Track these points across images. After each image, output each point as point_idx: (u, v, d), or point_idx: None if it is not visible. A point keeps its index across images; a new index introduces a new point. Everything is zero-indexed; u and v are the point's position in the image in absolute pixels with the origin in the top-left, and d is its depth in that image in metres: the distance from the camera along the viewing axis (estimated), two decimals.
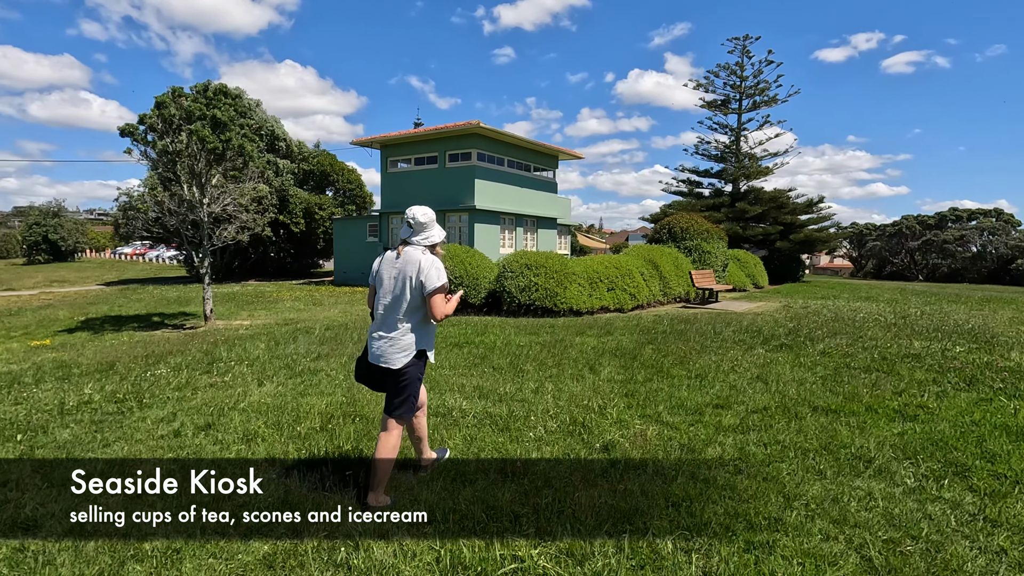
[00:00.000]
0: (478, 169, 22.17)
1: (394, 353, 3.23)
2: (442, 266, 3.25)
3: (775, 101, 30.13)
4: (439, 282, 3.17)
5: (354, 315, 14.74)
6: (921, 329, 9.73)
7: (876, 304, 15.51)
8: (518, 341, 8.75)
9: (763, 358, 7.24)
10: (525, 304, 13.20)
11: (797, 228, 28.51)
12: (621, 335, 9.34)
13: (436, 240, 3.33)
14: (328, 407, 5.30)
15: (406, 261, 3.23)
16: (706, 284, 15.70)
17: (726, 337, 8.98)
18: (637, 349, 7.96)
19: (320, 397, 5.73)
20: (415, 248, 3.27)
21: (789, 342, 8.39)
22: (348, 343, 9.15)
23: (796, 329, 9.56)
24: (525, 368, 6.70)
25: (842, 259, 78.02)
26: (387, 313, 3.27)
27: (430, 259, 3.23)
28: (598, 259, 15.17)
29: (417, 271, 3.19)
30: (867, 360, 6.98)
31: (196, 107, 12.39)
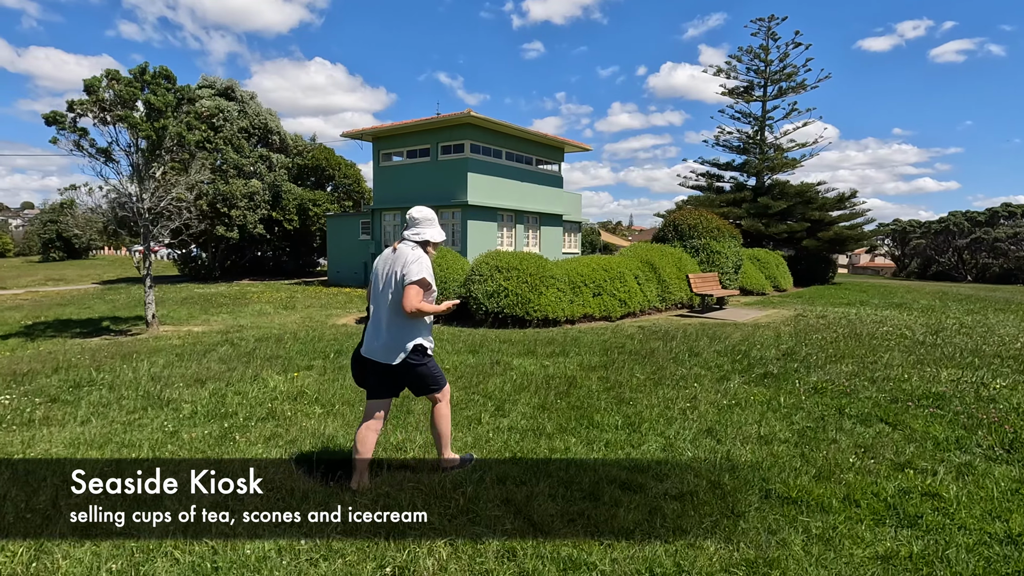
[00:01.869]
0: (471, 162, 20.66)
1: (386, 349, 3.30)
2: (427, 263, 3.29)
3: (804, 87, 27.76)
4: (417, 276, 3.21)
5: (316, 321, 13.45)
6: (954, 351, 7.86)
7: (907, 313, 13.49)
8: (443, 363, 7.22)
9: (733, 395, 5.57)
10: (494, 312, 11.66)
11: (826, 225, 26.13)
12: (577, 355, 7.73)
13: (428, 237, 3.38)
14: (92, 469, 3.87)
15: (397, 256, 3.32)
16: (708, 289, 13.89)
17: (704, 359, 7.30)
18: (581, 378, 6.36)
19: (118, 447, 4.32)
20: (406, 244, 3.35)
21: (777, 370, 6.66)
22: (261, 360, 7.78)
23: (793, 350, 7.80)
24: (413, 408, 5.18)
25: (884, 258, 74.03)
26: (380, 309, 3.36)
27: (417, 254, 3.28)
28: (585, 260, 13.53)
29: (403, 264, 3.25)
30: (869, 403, 5.25)
31: (128, 91, 11.20)
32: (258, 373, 6.85)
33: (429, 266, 3.28)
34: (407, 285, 3.20)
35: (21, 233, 50.58)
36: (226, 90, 25.01)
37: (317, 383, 6.33)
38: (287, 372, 7.06)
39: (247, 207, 23.46)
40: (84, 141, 11.66)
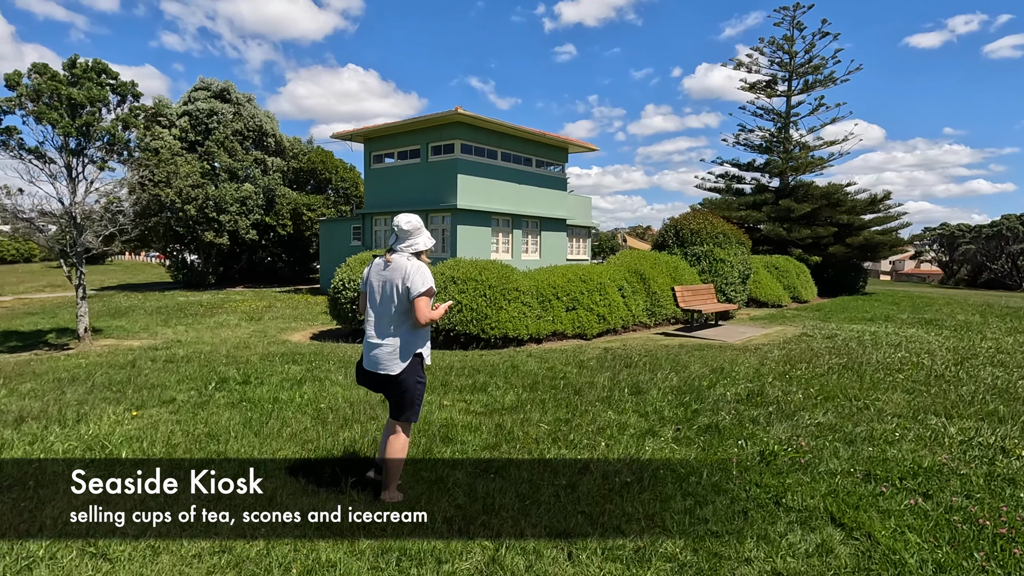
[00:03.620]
0: (461, 163, 19.39)
1: (389, 359, 3.34)
2: (428, 272, 3.32)
3: (832, 81, 25.60)
4: (423, 287, 3.25)
5: (266, 337, 12.37)
6: (977, 390, 6.18)
7: (936, 333, 11.62)
8: (317, 401, 5.91)
9: (640, 465, 4.10)
10: (445, 329, 10.33)
11: (856, 230, 23.89)
12: (497, 390, 6.34)
13: (421, 247, 3.40)
14: None
15: (393, 268, 3.33)
16: (700, 303, 12.26)
17: (644, 401, 5.82)
18: (469, 427, 4.98)
19: None
20: (401, 255, 3.36)
21: (729, 419, 5.15)
22: (136, 387, 6.65)
23: (763, 390, 6.23)
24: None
25: (930, 264, 69.86)
26: (378, 320, 3.39)
27: (416, 265, 3.32)
28: (561, 270, 12.09)
29: (403, 277, 3.28)
30: (826, 484, 3.72)
31: (48, 86, 10.31)
32: (88, 411, 5.67)
33: (430, 274, 3.32)
34: (417, 297, 3.24)
35: (43, 238, 51.55)
36: (222, 92, 24.38)
37: (157, 427, 5.10)
38: (144, 406, 5.88)
39: (238, 212, 22.71)
40: (13, 140, 10.86)
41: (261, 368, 7.82)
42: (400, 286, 3.26)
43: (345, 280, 11.89)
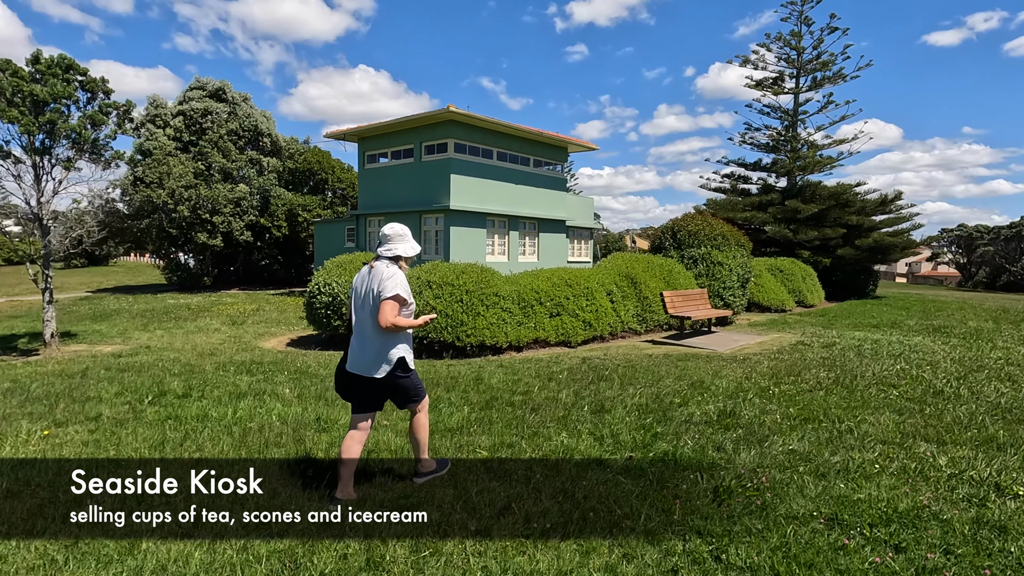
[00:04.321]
0: (454, 162, 18.92)
1: (370, 364, 3.39)
2: (402, 279, 3.38)
3: (842, 77, 24.80)
4: (391, 292, 3.30)
5: (240, 343, 11.99)
6: (977, 409, 5.58)
7: (943, 341, 10.96)
8: (212, 417, 5.44)
9: (570, 511, 3.58)
10: (419, 337, 9.85)
11: (865, 231, 23.06)
12: (448, 406, 5.84)
13: (400, 252, 3.45)
14: None
15: (373, 275, 3.40)
16: (690, 309, 11.68)
17: (603, 422, 5.31)
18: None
19: None
20: (381, 261, 3.44)
21: (691, 446, 4.61)
22: (67, 400, 6.25)
23: (735, 410, 5.68)
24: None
25: (948, 266, 68.22)
26: (360, 325, 3.45)
27: (391, 271, 3.38)
28: (546, 273, 11.56)
29: (379, 282, 3.34)
30: (779, 535, 3.17)
31: (9, 82, 9.97)
32: (6, 428, 5.24)
33: (404, 281, 3.37)
34: (382, 301, 3.30)
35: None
36: (217, 91, 24.12)
37: (61, 448, 4.66)
38: (67, 423, 5.46)
39: (232, 213, 22.41)
40: None
41: (211, 379, 7.40)
42: (375, 290, 3.35)
43: (321, 284, 11.45)
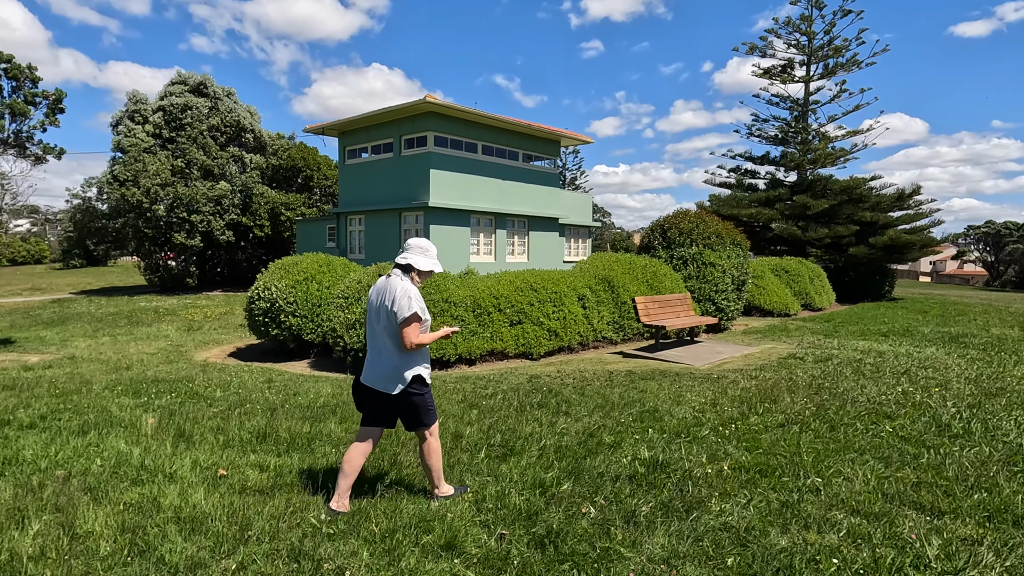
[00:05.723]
0: (434, 156, 17.80)
1: (385, 379, 3.31)
2: (416, 294, 3.25)
3: (856, 64, 23.18)
4: (407, 312, 3.18)
5: (169, 355, 11.03)
6: (994, 455, 4.30)
7: (959, 353, 9.59)
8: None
9: None
10: (354, 349, 8.76)
11: (880, 229, 21.47)
12: (304, 454, 4.72)
13: (411, 263, 3.31)
14: None
15: (387, 288, 3.30)
16: (666, 318, 10.42)
17: (503, 470, 4.14)
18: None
19: None
20: (396, 274, 3.32)
21: (590, 521, 3.44)
22: None
23: (671, 460, 4.49)
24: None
25: (974, 264, 65.56)
26: (377, 339, 3.37)
27: (405, 288, 3.23)
28: (509, 276, 10.41)
29: (392, 300, 3.22)
30: None
31: None
32: None
33: (418, 297, 3.26)
34: (401, 323, 3.20)
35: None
36: (198, 86, 23.28)
37: None
38: None
39: (212, 212, 21.55)
40: None
41: (85, 404, 6.38)
42: (388, 308, 3.24)
43: (260, 289, 10.41)
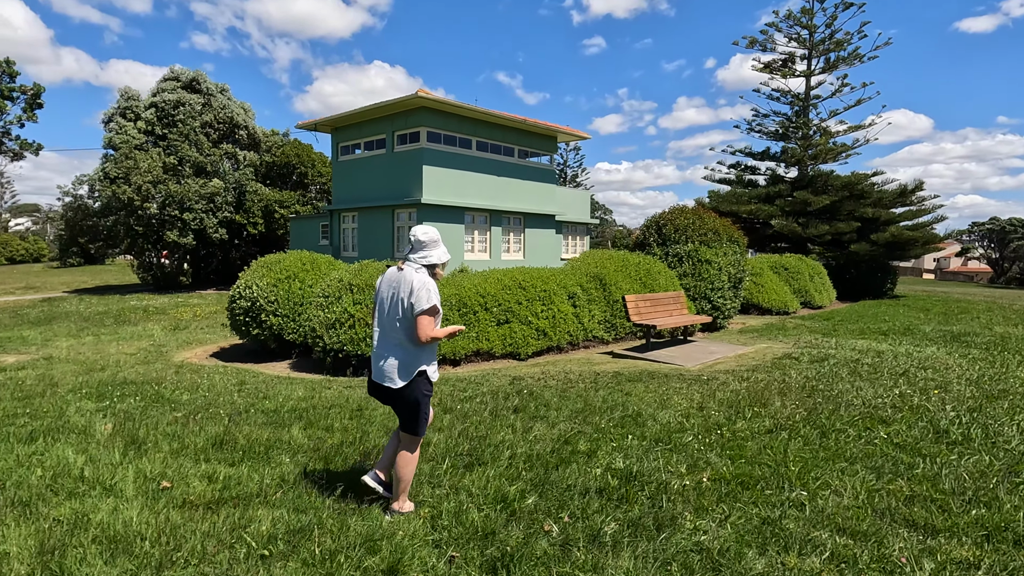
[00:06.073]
0: (427, 152, 17.52)
1: (394, 372, 3.26)
2: (435, 288, 3.22)
3: (858, 58, 22.80)
4: (427, 304, 3.14)
5: (148, 355, 10.80)
6: (995, 464, 4.01)
7: (964, 352, 9.29)
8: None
9: None
10: (334, 350, 8.49)
11: (881, 225, 21.12)
12: (265, 465, 4.46)
13: (435, 261, 3.29)
14: None
15: (401, 280, 3.24)
16: (657, 317, 10.13)
17: (440, 494, 3.87)
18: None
19: None
20: (411, 266, 3.26)
21: (543, 545, 3.17)
22: None
23: (640, 472, 4.22)
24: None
25: (978, 261, 64.97)
26: (383, 333, 3.33)
27: (423, 279, 3.19)
28: (497, 275, 10.13)
29: (409, 292, 3.17)
30: None
31: None
32: None
33: (436, 290, 3.22)
34: (419, 315, 3.14)
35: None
36: (191, 82, 23.04)
37: None
38: None
39: (204, 209, 21.32)
40: None
41: (45, 408, 6.12)
42: (405, 301, 3.19)
43: (242, 287, 10.16)
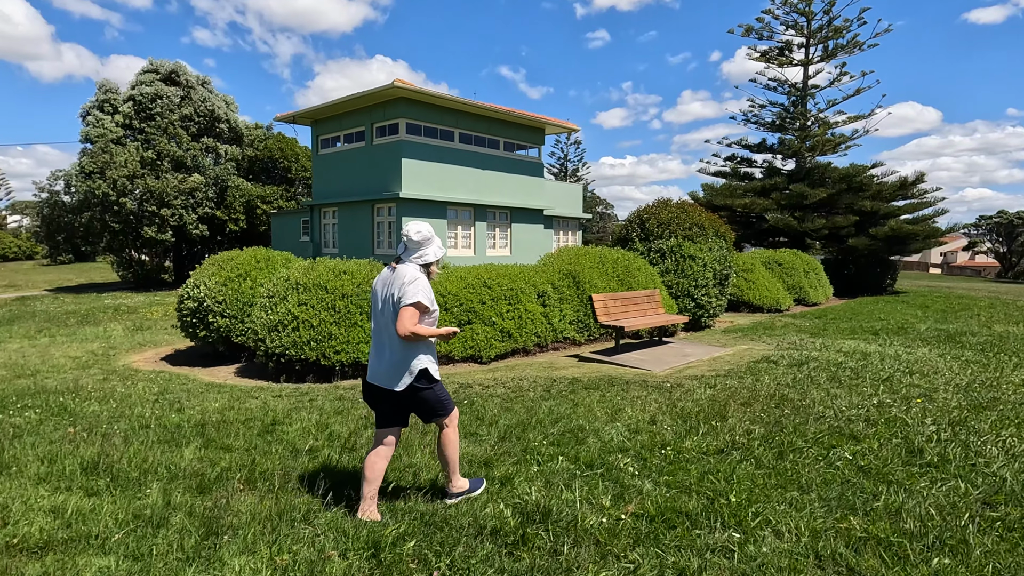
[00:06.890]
0: (406, 145, 16.93)
1: (390, 375, 3.17)
2: (426, 284, 3.16)
3: (857, 46, 22.03)
4: (412, 298, 3.06)
5: (97, 357, 10.30)
6: (973, 495, 3.38)
7: (957, 353, 8.65)
8: None
9: None
10: (276, 354, 7.93)
11: (881, 219, 20.38)
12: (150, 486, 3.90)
13: (431, 259, 3.24)
14: None
15: (395, 278, 3.17)
16: (627, 317, 9.51)
17: (278, 541, 3.29)
18: None
19: None
20: (407, 264, 3.20)
21: None
22: None
23: (552, 510, 3.62)
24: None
25: (986, 255, 63.85)
26: (378, 333, 3.26)
27: (414, 275, 3.13)
28: (460, 272, 9.54)
29: (400, 287, 3.10)
30: None
31: None
32: None
33: (427, 287, 3.17)
34: (402, 307, 3.07)
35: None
36: (170, 74, 22.51)
37: None
38: None
39: (184, 205, 20.82)
40: None
41: None
42: (395, 295, 3.12)
43: (190, 287, 9.61)
